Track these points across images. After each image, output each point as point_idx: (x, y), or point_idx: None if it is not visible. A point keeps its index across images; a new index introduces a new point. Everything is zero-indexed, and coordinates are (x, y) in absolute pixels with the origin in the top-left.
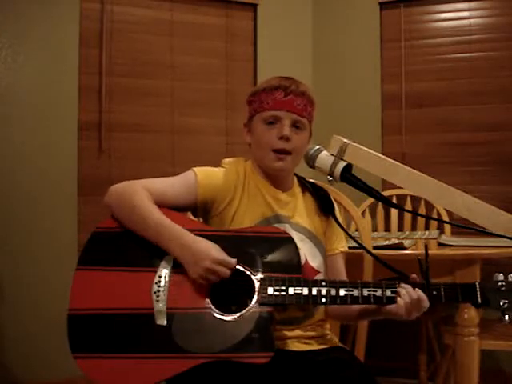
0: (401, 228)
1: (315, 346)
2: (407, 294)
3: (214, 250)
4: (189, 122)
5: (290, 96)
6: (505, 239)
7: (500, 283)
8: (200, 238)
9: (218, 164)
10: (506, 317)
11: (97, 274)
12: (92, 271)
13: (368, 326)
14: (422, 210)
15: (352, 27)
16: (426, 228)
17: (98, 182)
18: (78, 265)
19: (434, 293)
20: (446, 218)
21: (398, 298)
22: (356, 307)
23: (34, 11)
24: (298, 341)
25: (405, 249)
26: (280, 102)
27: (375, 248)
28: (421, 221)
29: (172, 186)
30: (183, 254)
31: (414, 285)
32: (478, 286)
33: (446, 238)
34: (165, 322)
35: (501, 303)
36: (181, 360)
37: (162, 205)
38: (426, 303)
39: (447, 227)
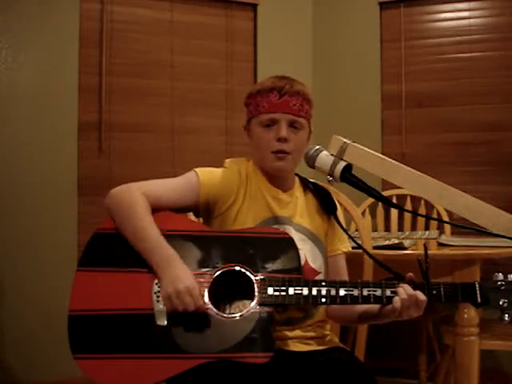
0: (401, 228)
1: (315, 347)
2: (404, 291)
3: (194, 282)
4: (189, 121)
5: (284, 97)
6: (505, 239)
7: (500, 283)
8: (185, 267)
9: (218, 164)
10: (506, 316)
11: (97, 275)
12: (92, 272)
13: (368, 326)
14: (422, 210)
15: (352, 27)
16: (426, 228)
17: (98, 182)
18: (79, 266)
19: (434, 292)
20: (445, 218)
21: (396, 297)
22: (357, 310)
23: (34, 11)
24: (299, 341)
25: (405, 249)
26: (275, 105)
27: (375, 248)
28: (421, 221)
29: (173, 187)
30: (164, 270)
31: (414, 284)
32: (477, 286)
33: (446, 238)
34: (165, 323)
35: (500, 302)
36: (181, 360)
37: (163, 207)
38: (424, 301)
39: (447, 227)
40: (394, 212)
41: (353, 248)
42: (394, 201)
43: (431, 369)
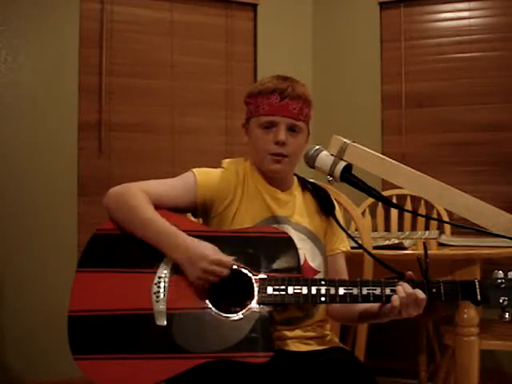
0: (401, 228)
1: (315, 347)
2: (403, 290)
3: (210, 251)
4: (189, 121)
5: (285, 100)
6: (505, 239)
7: (500, 280)
8: (197, 240)
9: (218, 164)
10: (507, 314)
11: (97, 276)
12: (92, 273)
13: (368, 326)
14: (422, 210)
15: (352, 27)
16: (426, 228)
17: (98, 182)
18: (78, 267)
19: (434, 290)
20: (445, 218)
21: (394, 295)
22: (357, 309)
23: (34, 11)
24: (299, 341)
25: (405, 249)
26: (276, 107)
27: (375, 248)
28: (421, 221)
29: (171, 187)
30: (180, 256)
31: (414, 283)
32: (477, 284)
33: (446, 238)
34: (165, 323)
35: (500, 300)
36: (181, 360)
37: (161, 206)
38: (424, 299)
39: (447, 227)
40: (394, 212)
41: (352, 248)
42: (394, 201)
43: (431, 369)
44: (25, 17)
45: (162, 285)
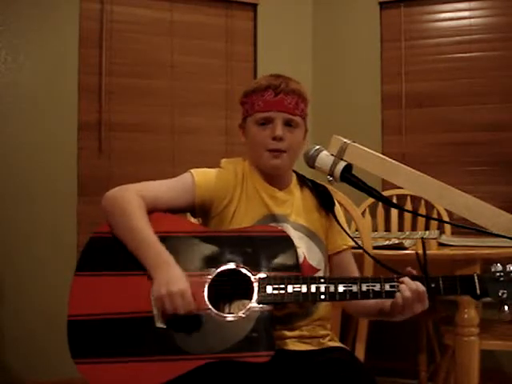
0: (401, 228)
1: (315, 346)
2: (407, 287)
3: (187, 285)
4: (189, 121)
5: (280, 95)
6: (505, 239)
7: (498, 273)
8: (173, 264)
9: (218, 164)
10: (506, 307)
11: (95, 280)
12: (90, 277)
13: (368, 326)
14: (422, 210)
15: (352, 27)
16: (426, 228)
17: (98, 182)
18: (77, 271)
19: (433, 285)
20: (446, 218)
21: (398, 293)
22: (375, 306)
23: (34, 11)
24: (298, 340)
25: (405, 249)
26: (271, 103)
27: (375, 248)
28: (421, 221)
29: (168, 188)
30: (158, 271)
31: (413, 278)
32: (476, 278)
33: (446, 238)
34: (165, 325)
35: (500, 294)
36: (182, 362)
37: (159, 208)
38: (424, 292)
39: (447, 227)
40: (394, 212)
41: (352, 248)
42: (394, 201)
43: (431, 369)
44: (25, 17)
45: None
